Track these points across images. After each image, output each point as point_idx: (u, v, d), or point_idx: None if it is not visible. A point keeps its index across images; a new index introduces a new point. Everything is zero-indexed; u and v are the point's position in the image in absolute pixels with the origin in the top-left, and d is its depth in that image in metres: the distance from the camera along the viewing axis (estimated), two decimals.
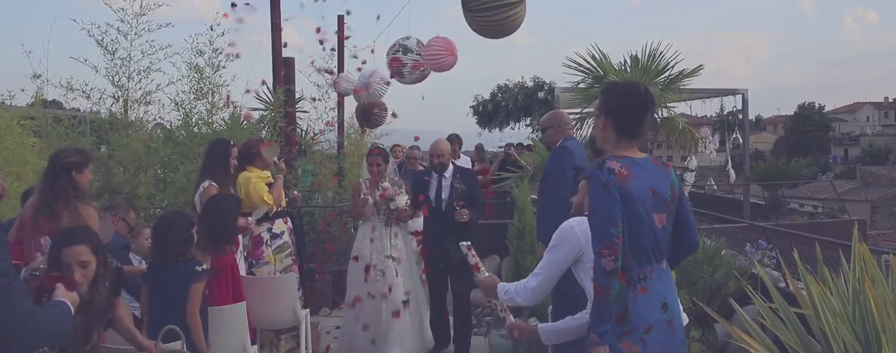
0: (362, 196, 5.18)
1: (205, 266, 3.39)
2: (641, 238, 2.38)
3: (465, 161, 9.86)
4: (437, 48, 5.67)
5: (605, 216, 2.33)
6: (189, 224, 3.40)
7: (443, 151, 5.38)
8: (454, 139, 8.48)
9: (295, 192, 5.47)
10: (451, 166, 5.38)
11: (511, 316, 3.06)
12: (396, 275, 5.06)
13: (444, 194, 5.27)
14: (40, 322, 2.03)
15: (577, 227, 2.74)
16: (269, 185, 4.90)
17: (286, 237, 4.93)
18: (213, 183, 4.39)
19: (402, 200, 5.14)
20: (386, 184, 5.15)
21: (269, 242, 4.83)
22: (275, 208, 4.77)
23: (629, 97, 2.45)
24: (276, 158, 5.03)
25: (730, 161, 13.00)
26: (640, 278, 2.39)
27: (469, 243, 3.24)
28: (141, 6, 5.88)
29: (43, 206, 3.35)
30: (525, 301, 2.82)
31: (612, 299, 2.33)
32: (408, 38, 5.99)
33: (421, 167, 7.81)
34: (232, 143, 4.68)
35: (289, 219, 5.08)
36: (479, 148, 12.60)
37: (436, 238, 5.24)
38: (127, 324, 3.02)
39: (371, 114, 8.36)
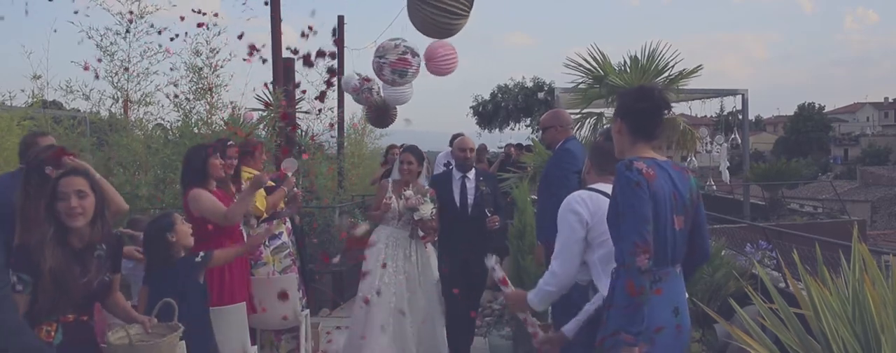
0: (385, 201, 4.76)
1: (202, 254, 3.39)
2: (662, 239, 2.39)
3: None
4: (447, 53, 5.72)
5: (639, 215, 2.33)
6: (164, 230, 3.34)
7: (471, 146, 5.05)
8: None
9: (296, 189, 5.45)
10: (472, 168, 5.08)
11: (541, 331, 3.01)
12: (405, 293, 4.67)
13: (470, 198, 4.87)
14: (28, 343, 2.02)
15: (573, 197, 2.84)
16: (271, 189, 4.91)
17: (285, 238, 4.92)
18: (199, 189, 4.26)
19: (427, 209, 4.65)
20: (409, 192, 4.67)
21: (267, 242, 4.82)
22: (266, 214, 4.77)
23: (642, 100, 2.50)
24: (290, 173, 5.04)
25: (722, 162, 13.00)
26: (657, 280, 2.40)
27: (496, 256, 3.25)
28: (138, 8, 5.89)
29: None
30: (555, 287, 2.81)
31: (645, 299, 2.30)
32: (404, 40, 5.98)
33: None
34: (231, 143, 4.67)
35: (288, 219, 5.08)
36: (483, 149, 12.52)
37: (456, 245, 4.86)
38: (122, 302, 3.02)
39: (388, 115, 8.35)
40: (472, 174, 4.95)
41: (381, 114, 8.36)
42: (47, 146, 3.61)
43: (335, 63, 6.67)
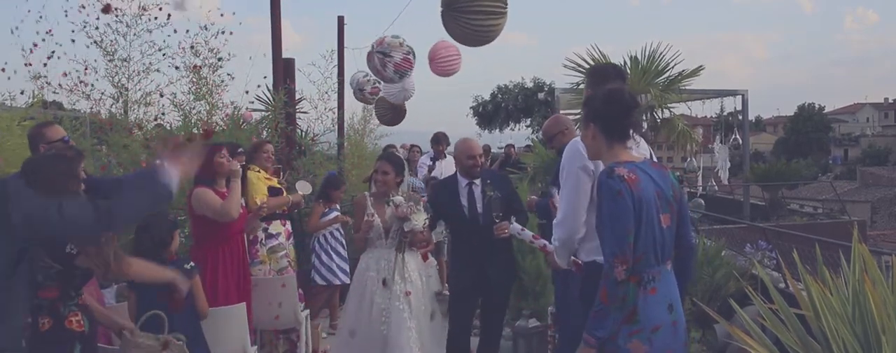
0: (367, 218, 4.13)
1: (191, 264, 3.39)
2: (650, 239, 2.41)
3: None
4: (449, 54, 5.72)
5: (619, 225, 2.36)
6: (169, 227, 3.37)
7: (479, 151, 4.49)
8: (441, 139, 7.90)
9: (298, 192, 5.46)
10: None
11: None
12: (408, 317, 4.01)
13: (479, 206, 4.34)
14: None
15: (579, 143, 2.85)
16: (276, 191, 4.92)
17: (282, 239, 4.92)
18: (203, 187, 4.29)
19: (420, 219, 4.05)
20: (399, 198, 4.06)
21: (263, 241, 4.84)
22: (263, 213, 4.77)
23: (612, 102, 2.50)
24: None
25: (722, 162, 13.00)
26: (650, 279, 2.42)
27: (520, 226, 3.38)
28: (139, 6, 5.87)
29: None
30: (561, 239, 2.86)
31: (618, 307, 2.36)
32: (403, 41, 5.97)
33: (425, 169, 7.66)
34: (240, 150, 4.65)
35: (288, 221, 5.07)
36: (486, 149, 12.53)
37: (472, 258, 4.34)
38: (100, 308, 3.01)
39: (401, 114, 8.34)
40: (477, 180, 4.46)
41: (396, 113, 8.34)
42: (66, 146, 3.62)
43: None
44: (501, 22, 4.27)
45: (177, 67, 6.06)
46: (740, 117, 13.76)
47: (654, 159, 3.09)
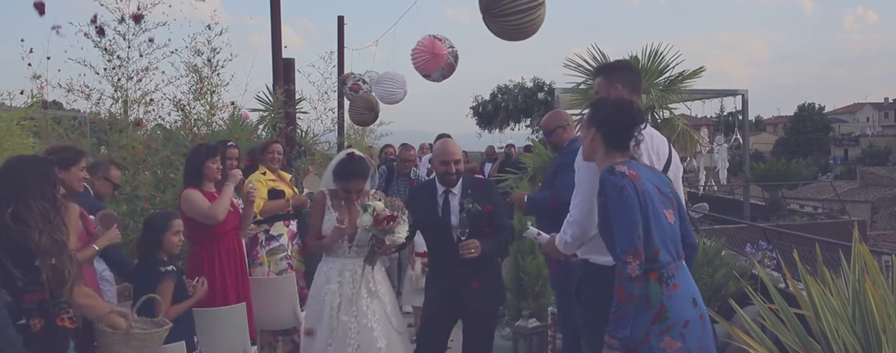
0: (336, 226, 3.67)
1: (170, 267, 3.37)
2: (662, 234, 2.42)
3: None
4: (418, 57, 5.71)
5: (627, 220, 2.36)
6: (160, 228, 3.36)
7: (455, 156, 3.89)
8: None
9: (305, 191, 5.46)
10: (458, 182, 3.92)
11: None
12: (378, 337, 3.63)
13: (454, 218, 3.81)
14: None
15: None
16: (280, 193, 4.91)
17: (284, 241, 4.91)
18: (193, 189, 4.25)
19: (403, 231, 3.57)
20: (379, 204, 3.53)
21: (263, 243, 4.84)
22: (259, 217, 4.77)
23: (620, 114, 2.53)
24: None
25: (722, 162, 13.01)
26: (670, 276, 2.43)
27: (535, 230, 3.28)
28: (138, 6, 5.87)
29: None
30: (572, 238, 2.78)
31: (635, 305, 2.35)
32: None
33: (415, 169, 7.61)
34: (230, 143, 4.66)
35: (291, 223, 5.05)
36: (490, 151, 12.59)
37: (442, 273, 3.86)
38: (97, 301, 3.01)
39: (373, 114, 8.35)
40: (457, 189, 3.86)
41: (372, 114, 8.36)
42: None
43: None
44: (541, 13, 4.23)
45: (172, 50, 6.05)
46: (740, 117, 13.75)
47: (674, 152, 3.07)
